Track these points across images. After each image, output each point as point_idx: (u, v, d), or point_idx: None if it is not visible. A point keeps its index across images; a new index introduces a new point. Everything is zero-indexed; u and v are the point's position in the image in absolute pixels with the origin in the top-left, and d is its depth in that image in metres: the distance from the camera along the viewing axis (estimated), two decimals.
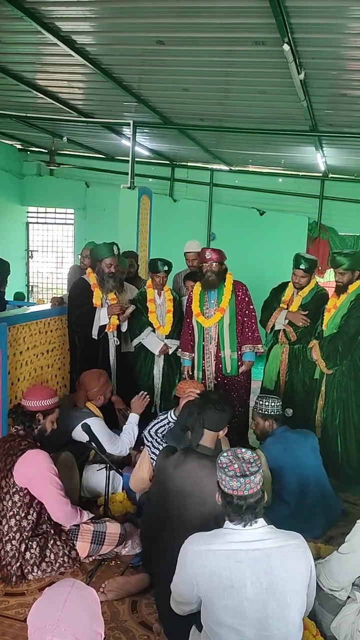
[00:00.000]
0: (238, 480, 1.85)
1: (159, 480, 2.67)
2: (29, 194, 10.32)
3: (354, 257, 4.02)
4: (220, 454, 1.96)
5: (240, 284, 4.30)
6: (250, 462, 1.89)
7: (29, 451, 2.79)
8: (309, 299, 4.33)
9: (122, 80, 5.05)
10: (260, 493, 1.89)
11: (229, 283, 4.24)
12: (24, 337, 4.04)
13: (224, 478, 1.88)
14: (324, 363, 4.01)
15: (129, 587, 2.72)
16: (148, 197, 6.68)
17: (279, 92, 4.85)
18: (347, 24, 3.36)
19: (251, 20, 3.40)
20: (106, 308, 4.26)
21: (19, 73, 5.20)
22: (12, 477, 2.75)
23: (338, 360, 3.96)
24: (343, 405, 4.02)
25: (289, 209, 9.21)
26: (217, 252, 4.22)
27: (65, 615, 1.32)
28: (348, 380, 4.00)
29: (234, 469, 1.87)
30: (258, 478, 1.88)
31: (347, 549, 2.31)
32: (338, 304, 4.08)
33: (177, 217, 9.44)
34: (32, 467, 2.75)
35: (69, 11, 3.65)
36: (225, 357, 4.18)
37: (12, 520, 2.75)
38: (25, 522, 2.76)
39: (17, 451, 2.81)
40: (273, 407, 3.59)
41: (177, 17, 3.52)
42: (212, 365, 4.24)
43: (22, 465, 2.75)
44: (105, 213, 9.48)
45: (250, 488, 1.85)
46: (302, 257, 4.30)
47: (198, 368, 4.32)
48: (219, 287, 4.21)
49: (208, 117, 6.18)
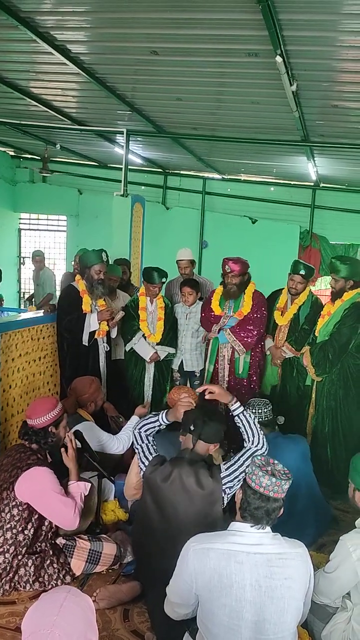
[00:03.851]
0: (270, 479, 1.89)
1: (148, 490, 2.67)
2: (21, 200, 10.32)
3: (351, 268, 4.00)
4: (254, 456, 2.03)
5: (259, 295, 4.34)
6: (282, 472, 1.95)
7: (35, 468, 2.75)
8: (309, 307, 4.32)
9: (116, 89, 5.09)
10: (281, 502, 1.93)
11: (249, 292, 4.28)
12: (16, 343, 4.03)
13: (256, 473, 1.92)
14: (314, 370, 4.03)
15: (121, 595, 2.71)
16: (141, 205, 6.71)
17: (271, 103, 4.91)
18: (339, 37, 3.42)
19: (244, 32, 3.45)
20: (96, 314, 4.27)
21: (13, 81, 5.22)
22: (13, 491, 2.72)
23: (327, 368, 3.97)
24: (332, 413, 4.03)
25: (280, 217, 9.29)
26: (240, 263, 4.19)
27: (60, 621, 1.32)
28: (337, 388, 4.01)
29: (267, 469, 1.93)
30: (286, 487, 1.92)
31: (331, 567, 2.30)
32: (332, 310, 4.07)
33: (169, 225, 9.48)
34: (35, 484, 2.72)
35: (64, 21, 3.68)
36: (239, 358, 4.24)
37: (8, 533, 2.71)
38: (22, 536, 2.73)
39: (23, 465, 2.77)
40: (261, 413, 3.58)
41: (171, 28, 3.57)
42: (225, 367, 4.29)
43: (25, 481, 2.72)
44: (98, 220, 9.50)
45: (276, 492, 1.90)
46: (301, 263, 4.33)
47: (211, 362, 4.37)
48: (239, 297, 4.27)
49: (201, 126, 6.23)
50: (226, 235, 9.36)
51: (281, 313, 4.40)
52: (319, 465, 3.75)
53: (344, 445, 4.02)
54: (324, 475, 3.86)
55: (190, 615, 2.04)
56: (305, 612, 2.01)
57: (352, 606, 2.30)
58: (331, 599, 2.35)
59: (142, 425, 2.87)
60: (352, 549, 2.23)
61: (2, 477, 2.83)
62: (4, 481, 2.80)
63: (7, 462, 2.90)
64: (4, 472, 2.84)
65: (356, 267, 4.04)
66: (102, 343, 4.37)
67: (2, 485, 2.79)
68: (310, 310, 4.31)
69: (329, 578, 2.30)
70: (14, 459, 2.86)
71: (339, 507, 3.85)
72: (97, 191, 9.81)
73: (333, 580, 2.29)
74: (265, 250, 9.04)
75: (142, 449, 2.79)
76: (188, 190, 9.74)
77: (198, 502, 2.50)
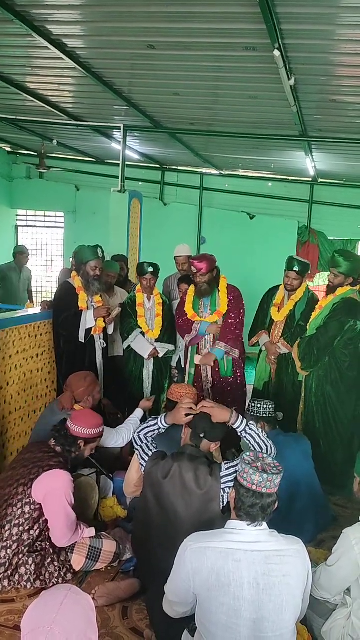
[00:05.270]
0: (261, 475, 1.88)
1: (149, 486, 2.66)
2: (18, 197, 10.27)
3: (352, 264, 3.98)
4: (242, 452, 2.01)
5: (233, 289, 4.28)
6: (272, 466, 1.95)
7: (57, 470, 2.75)
8: (305, 304, 4.31)
9: (112, 84, 5.05)
10: (275, 497, 1.92)
11: (223, 287, 4.22)
12: (14, 340, 4.01)
13: (247, 471, 1.91)
14: (300, 363, 4.03)
15: (120, 592, 2.70)
16: (138, 201, 6.68)
17: (269, 98, 4.88)
18: (337, 30, 3.39)
19: (242, 25, 3.42)
20: (92, 311, 4.25)
21: (9, 76, 5.18)
22: (30, 488, 2.71)
23: (312, 362, 3.98)
24: (321, 409, 4.04)
25: (278, 213, 9.27)
26: (205, 261, 4.08)
27: (60, 619, 1.32)
28: (325, 385, 4.01)
29: (257, 466, 1.92)
30: (278, 480, 1.91)
31: (333, 560, 2.30)
32: (323, 304, 4.08)
33: (167, 221, 9.45)
34: (54, 486, 2.71)
35: (60, 14, 3.65)
36: (223, 359, 4.20)
37: (15, 529, 2.71)
38: (26, 535, 2.72)
39: (45, 465, 2.77)
40: (265, 409, 3.58)
41: (168, 22, 3.53)
42: (208, 367, 4.25)
43: (45, 482, 2.71)
44: (95, 216, 9.47)
45: (269, 487, 1.89)
46: (295, 259, 4.31)
47: (191, 365, 4.32)
48: (213, 293, 4.20)
49: (198, 121, 6.20)
50: (224, 231, 9.34)
51: (277, 309, 4.39)
52: (313, 462, 3.74)
53: (339, 440, 4.02)
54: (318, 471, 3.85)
55: (189, 613, 2.03)
56: (304, 609, 2.01)
57: (351, 602, 2.30)
58: (332, 594, 2.35)
59: (141, 430, 2.87)
60: (355, 542, 2.23)
61: (20, 471, 2.83)
62: (21, 476, 2.79)
63: (28, 457, 2.89)
64: (22, 467, 2.84)
65: (357, 264, 4.03)
66: (98, 340, 4.35)
67: (20, 480, 2.78)
68: (306, 307, 4.30)
69: (330, 571, 2.30)
70: (36, 457, 2.85)
71: (337, 502, 3.86)
72: (94, 187, 9.76)
73: (334, 573, 2.29)
74: (263, 246, 9.04)
75: (141, 448, 2.78)
76: (186, 186, 9.70)
77: (196, 498, 2.50)
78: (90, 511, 3.26)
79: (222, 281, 4.24)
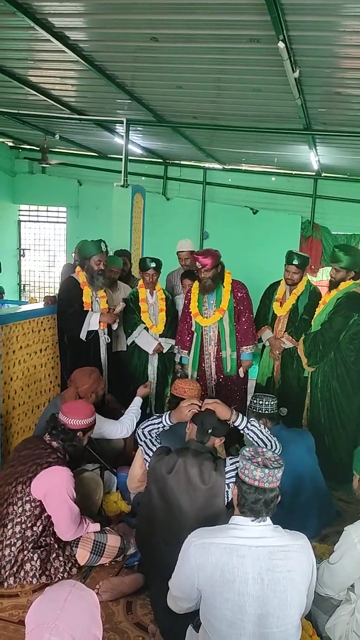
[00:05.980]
0: (262, 470, 1.87)
1: (153, 481, 2.65)
2: (20, 191, 10.24)
3: (353, 258, 3.96)
4: (242, 448, 2.00)
5: (239, 284, 4.24)
6: (272, 460, 1.93)
7: (55, 467, 2.74)
8: (307, 297, 4.29)
9: (115, 77, 5.02)
10: (278, 491, 1.91)
11: (227, 283, 4.17)
12: (17, 335, 4.00)
13: (247, 467, 1.90)
14: (306, 360, 4.02)
15: (124, 587, 2.70)
16: (141, 196, 6.66)
17: (273, 90, 4.84)
18: (342, 21, 3.35)
19: (246, 17, 3.39)
20: (98, 314, 4.24)
21: (11, 69, 5.16)
22: (29, 487, 2.71)
23: (318, 358, 3.97)
24: (327, 405, 4.03)
25: (282, 207, 9.23)
26: (209, 257, 4.02)
27: (64, 615, 1.32)
28: (331, 379, 4.00)
29: (257, 461, 1.90)
30: (279, 474, 1.90)
31: (336, 558, 2.29)
32: (327, 300, 4.06)
33: (170, 216, 9.42)
34: (54, 483, 2.71)
35: (62, 7, 3.61)
36: (226, 357, 4.17)
37: (17, 527, 2.70)
38: (30, 532, 2.72)
39: (43, 462, 2.76)
40: (267, 405, 3.57)
41: (171, 13, 3.50)
42: (212, 366, 4.23)
43: (44, 479, 2.71)
44: (98, 211, 9.44)
45: (271, 482, 1.88)
46: (294, 253, 4.30)
47: (194, 367, 4.29)
48: (217, 288, 4.17)
49: (202, 115, 6.16)
50: (227, 225, 9.31)
51: (280, 304, 4.38)
52: (318, 457, 3.74)
53: (344, 435, 4.01)
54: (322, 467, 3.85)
55: (193, 608, 2.03)
56: (308, 604, 2.00)
57: (355, 598, 2.30)
58: (335, 591, 2.34)
59: (145, 426, 2.86)
60: (357, 539, 2.22)
61: (18, 469, 2.82)
62: (20, 474, 2.79)
63: (25, 455, 2.89)
64: (21, 465, 2.83)
65: (358, 258, 4.01)
66: (102, 335, 4.34)
67: (19, 479, 2.78)
68: (308, 300, 4.28)
69: (333, 569, 2.29)
70: (33, 453, 2.84)
71: (341, 498, 3.85)
72: (97, 182, 9.74)
73: (337, 571, 2.28)
74: (266, 240, 9.00)
75: (145, 444, 2.78)
76: (189, 181, 9.66)
77: (200, 494, 2.49)
78: (95, 506, 3.26)
79: (226, 277, 4.19)
